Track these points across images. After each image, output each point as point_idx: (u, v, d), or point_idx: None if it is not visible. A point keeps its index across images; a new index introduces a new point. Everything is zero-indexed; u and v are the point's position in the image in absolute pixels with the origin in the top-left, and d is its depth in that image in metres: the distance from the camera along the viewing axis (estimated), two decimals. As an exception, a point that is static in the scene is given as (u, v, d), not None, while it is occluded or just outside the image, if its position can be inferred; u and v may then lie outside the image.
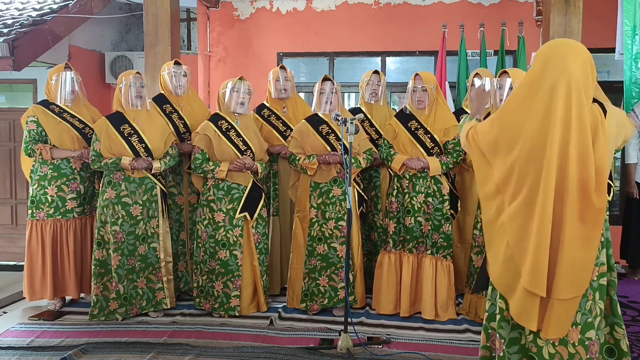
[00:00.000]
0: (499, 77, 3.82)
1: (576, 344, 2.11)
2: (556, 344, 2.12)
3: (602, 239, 2.19)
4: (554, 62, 2.07)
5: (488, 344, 2.35)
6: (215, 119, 3.97)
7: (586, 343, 2.12)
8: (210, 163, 3.89)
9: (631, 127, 2.28)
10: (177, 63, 4.25)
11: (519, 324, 2.16)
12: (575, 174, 2.03)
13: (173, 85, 4.23)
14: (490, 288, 2.36)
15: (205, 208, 3.95)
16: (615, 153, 4.53)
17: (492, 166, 2.20)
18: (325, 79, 4.03)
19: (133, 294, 3.91)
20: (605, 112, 2.14)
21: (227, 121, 3.95)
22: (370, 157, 4.01)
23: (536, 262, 2.04)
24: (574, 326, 2.12)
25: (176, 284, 4.34)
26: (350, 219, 3.53)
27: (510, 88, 3.63)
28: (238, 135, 3.93)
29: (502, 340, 2.19)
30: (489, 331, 2.34)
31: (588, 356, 2.12)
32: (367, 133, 4.25)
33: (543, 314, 2.10)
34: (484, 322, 2.38)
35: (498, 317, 2.23)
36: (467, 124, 2.47)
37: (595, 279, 2.17)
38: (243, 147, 3.92)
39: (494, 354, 2.34)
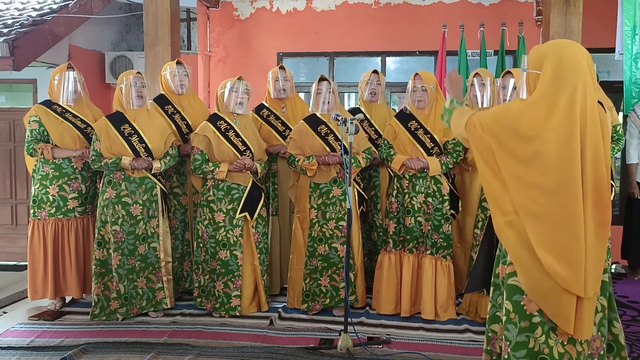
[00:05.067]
0: (502, 77, 3.82)
1: (582, 342, 2.11)
2: (565, 343, 2.11)
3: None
4: (569, 63, 2.08)
5: (489, 348, 2.34)
6: (214, 119, 3.97)
7: (589, 340, 2.13)
8: (210, 164, 3.88)
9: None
10: (179, 63, 4.26)
11: (526, 327, 2.14)
12: (590, 174, 2.05)
13: (175, 84, 4.24)
14: (492, 289, 2.35)
15: (205, 208, 3.95)
16: (615, 153, 4.57)
17: (508, 150, 2.13)
18: (322, 79, 4.03)
19: (133, 293, 3.91)
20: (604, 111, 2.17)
21: (225, 121, 3.94)
22: (369, 157, 4.01)
23: (577, 263, 2.04)
24: None
25: (182, 283, 4.36)
26: (350, 219, 3.53)
27: (514, 88, 3.63)
28: (237, 135, 3.92)
29: (508, 343, 2.17)
30: (490, 334, 2.33)
31: (589, 352, 2.12)
32: (367, 133, 4.25)
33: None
34: (486, 324, 2.37)
35: (504, 319, 2.20)
36: (460, 110, 2.37)
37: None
38: (242, 148, 3.91)
39: (494, 358, 2.33)
